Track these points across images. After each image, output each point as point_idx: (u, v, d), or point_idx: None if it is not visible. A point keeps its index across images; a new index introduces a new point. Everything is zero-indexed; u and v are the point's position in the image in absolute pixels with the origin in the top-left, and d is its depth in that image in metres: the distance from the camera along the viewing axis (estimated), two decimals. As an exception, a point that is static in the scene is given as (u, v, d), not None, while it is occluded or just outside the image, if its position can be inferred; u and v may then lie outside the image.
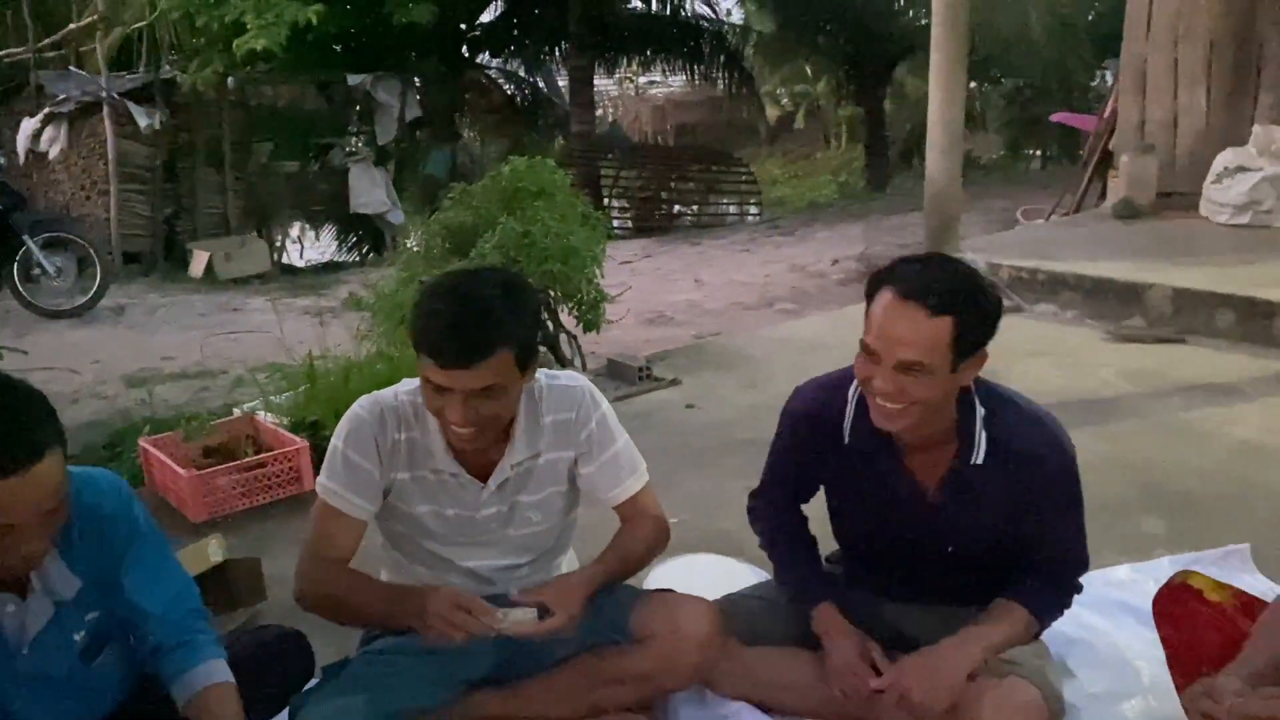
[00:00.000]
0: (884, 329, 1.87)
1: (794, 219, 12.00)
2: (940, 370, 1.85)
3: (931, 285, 1.84)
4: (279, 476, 3.57)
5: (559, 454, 2.14)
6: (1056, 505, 2.04)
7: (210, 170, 10.30)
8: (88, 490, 1.79)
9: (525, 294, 1.97)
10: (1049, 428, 2.02)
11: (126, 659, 1.95)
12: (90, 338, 7.08)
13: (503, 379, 1.89)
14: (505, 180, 4.66)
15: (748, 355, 5.25)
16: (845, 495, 2.19)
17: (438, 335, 1.85)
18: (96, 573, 1.80)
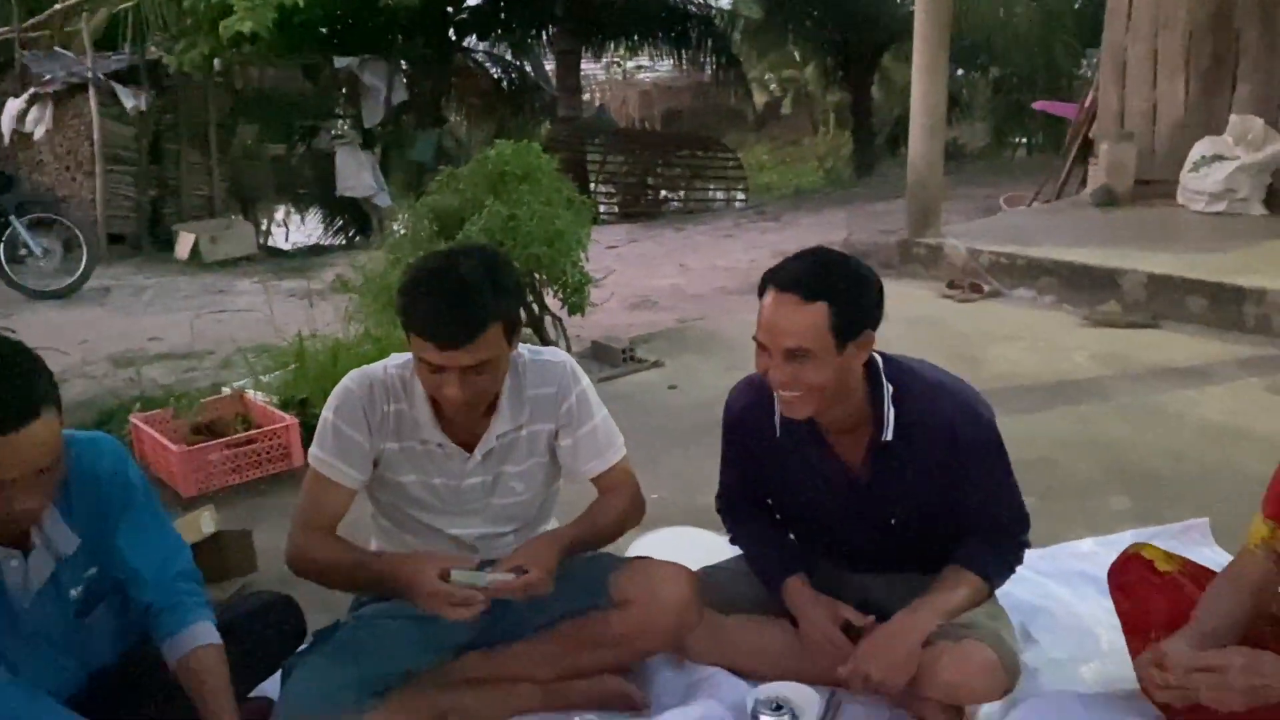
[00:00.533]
0: (766, 321, 1.98)
1: (779, 205, 12.05)
2: (825, 354, 1.95)
3: (804, 275, 1.95)
4: (269, 452, 3.64)
5: (540, 426, 2.21)
6: (980, 470, 2.10)
7: (196, 152, 10.29)
8: (88, 452, 1.88)
9: (507, 268, 2.04)
10: (957, 395, 2.10)
11: (119, 618, 2.02)
12: (77, 318, 7.11)
13: (494, 353, 1.98)
14: (491, 164, 4.71)
15: (729, 338, 5.33)
16: (784, 485, 2.27)
17: (432, 318, 1.93)
18: (93, 531, 1.88)
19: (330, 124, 11.49)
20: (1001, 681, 2.07)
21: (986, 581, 2.16)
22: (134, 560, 1.93)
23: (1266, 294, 5.00)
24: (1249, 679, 1.69)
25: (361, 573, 2.13)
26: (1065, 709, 2.14)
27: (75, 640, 1.94)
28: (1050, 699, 2.18)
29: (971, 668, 2.03)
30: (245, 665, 2.15)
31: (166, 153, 10.15)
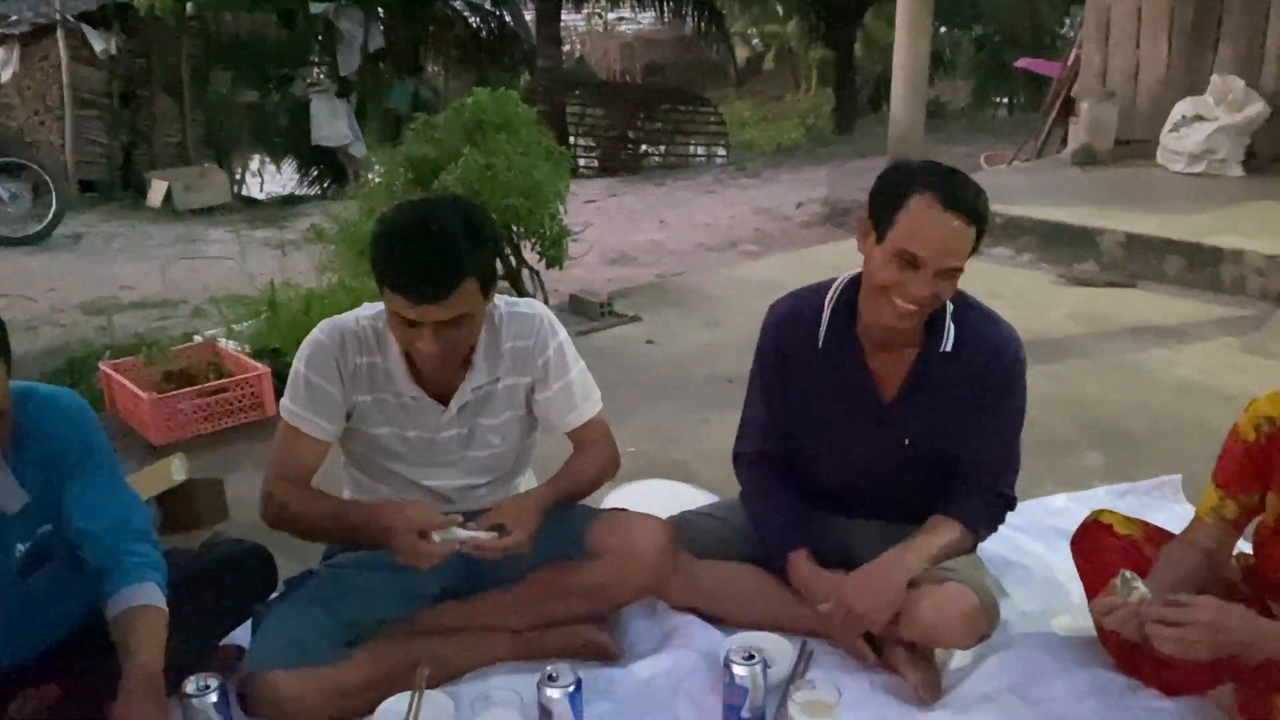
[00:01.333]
0: (933, 239, 1.93)
1: (760, 161, 11.99)
2: (959, 274, 1.99)
3: (967, 196, 1.94)
4: (241, 402, 3.60)
5: (517, 380, 2.19)
6: (1002, 402, 2.14)
7: (168, 98, 10.10)
8: (46, 411, 1.83)
9: (483, 221, 1.99)
10: (1005, 326, 2.18)
11: (69, 578, 1.97)
12: (46, 266, 7.00)
13: (469, 308, 1.94)
14: (469, 112, 4.64)
15: (708, 294, 5.31)
16: (810, 402, 2.24)
17: (407, 272, 1.89)
18: (45, 489, 1.84)
19: (305, 71, 11.29)
20: (980, 627, 2.09)
21: (972, 532, 2.19)
22: (82, 521, 1.88)
23: (1243, 255, 5.02)
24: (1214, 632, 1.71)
25: (338, 522, 2.10)
26: (1034, 660, 2.17)
27: (18, 599, 1.89)
28: (1020, 651, 2.20)
29: (953, 611, 2.05)
30: (217, 613, 2.15)
31: (139, 99, 9.95)
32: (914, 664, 2.14)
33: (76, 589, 2.01)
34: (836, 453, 2.29)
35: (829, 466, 2.32)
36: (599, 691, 2.11)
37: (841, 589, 2.10)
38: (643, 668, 2.19)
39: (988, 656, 2.19)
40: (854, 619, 2.09)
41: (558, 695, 1.92)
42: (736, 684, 1.99)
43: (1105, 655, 2.17)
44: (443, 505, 2.23)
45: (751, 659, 2.00)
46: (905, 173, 2.02)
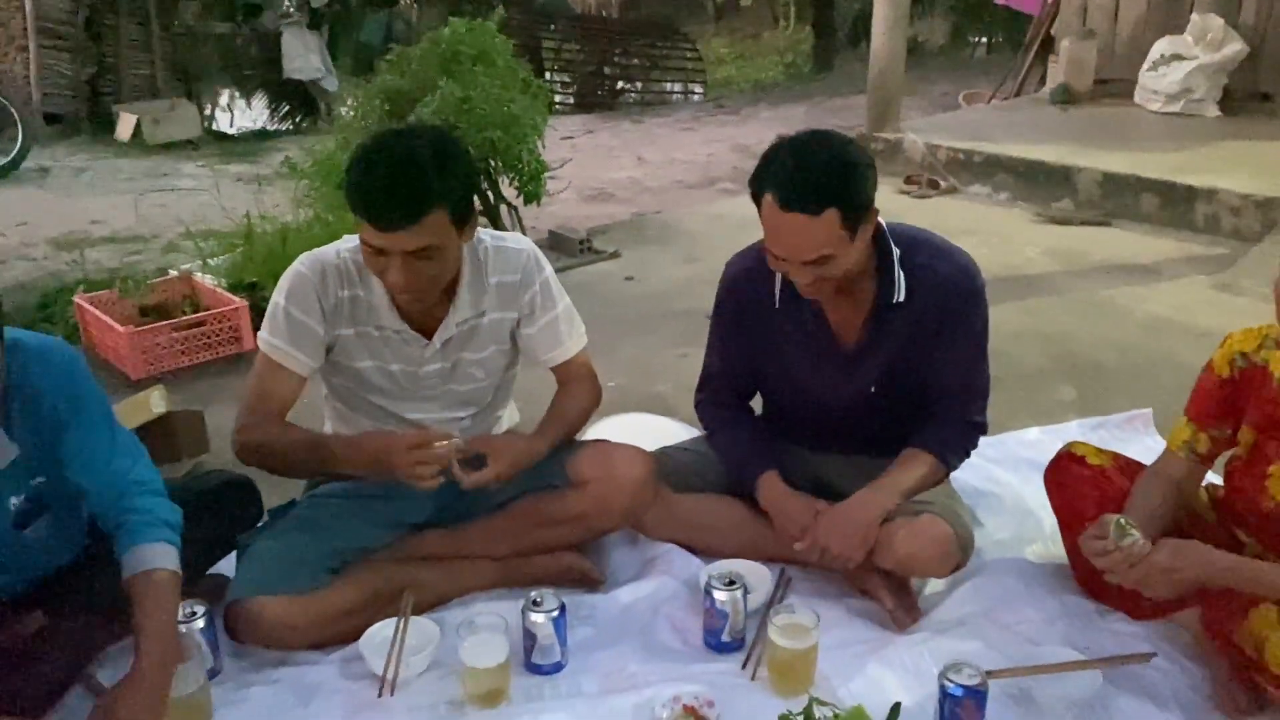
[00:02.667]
0: (778, 240, 1.96)
1: (738, 99, 11.89)
2: (843, 249, 1.95)
3: (805, 187, 1.89)
4: (218, 335, 3.58)
5: (502, 314, 2.18)
6: (964, 331, 2.14)
7: (135, 28, 9.85)
8: (36, 363, 1.78)
9: (456, 151, 1.96)
10: (957, 257, 2.14)
11: (66, 530, 1.98)
12: (13, 200, 6.86)
13: (439, 239, 1.91)
14: (445, 44, 4.57)
15: (686, 231, 5.31)
16: (772, 355, 2.28)
17: (373, 198, 1.87)
18: (36, 442, 1.81)
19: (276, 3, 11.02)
20: (954, 557, 2.15)
21: (943, 463, 2.21)
22: (82, 477, 1.86)
23: (1217, 193, 5.06)
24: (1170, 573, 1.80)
25: (315, 453, 2.09)
26: (1006, 586, 2.22)
27: (14, 549, 1.88)
28: (992, 577, 2.25)
29: (927, 541, 2.09)
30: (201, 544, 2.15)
31: (104, 30, 9.70)
32: (890, 590, 2.19)
33: (72, 534, 2.02)
34: (804, 401, 2.31)
35: (798, 413, 2.36)
36: (581, 617, 2.16)
37: (814, 528, 2.13)
38: (624, 593, 2.24)
39: (962, 582, 2.25)
40: (828, 558, 2.12)
41: (542, 620, 1.97)
42: (717, 609, 2.04)
43: (1074, 582, 2.22)
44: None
45: (732, 584, 2.05)
46: (762, 165, 1.97)
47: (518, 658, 1.99)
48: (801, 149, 1.94)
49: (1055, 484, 2.21)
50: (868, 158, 2.00)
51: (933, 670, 1.85)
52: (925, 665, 1.95)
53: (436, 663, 2.00)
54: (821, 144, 1.95)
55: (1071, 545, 2.22)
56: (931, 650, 2.00)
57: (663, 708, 1.86)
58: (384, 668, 1.94)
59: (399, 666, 1.94)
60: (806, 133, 2.00)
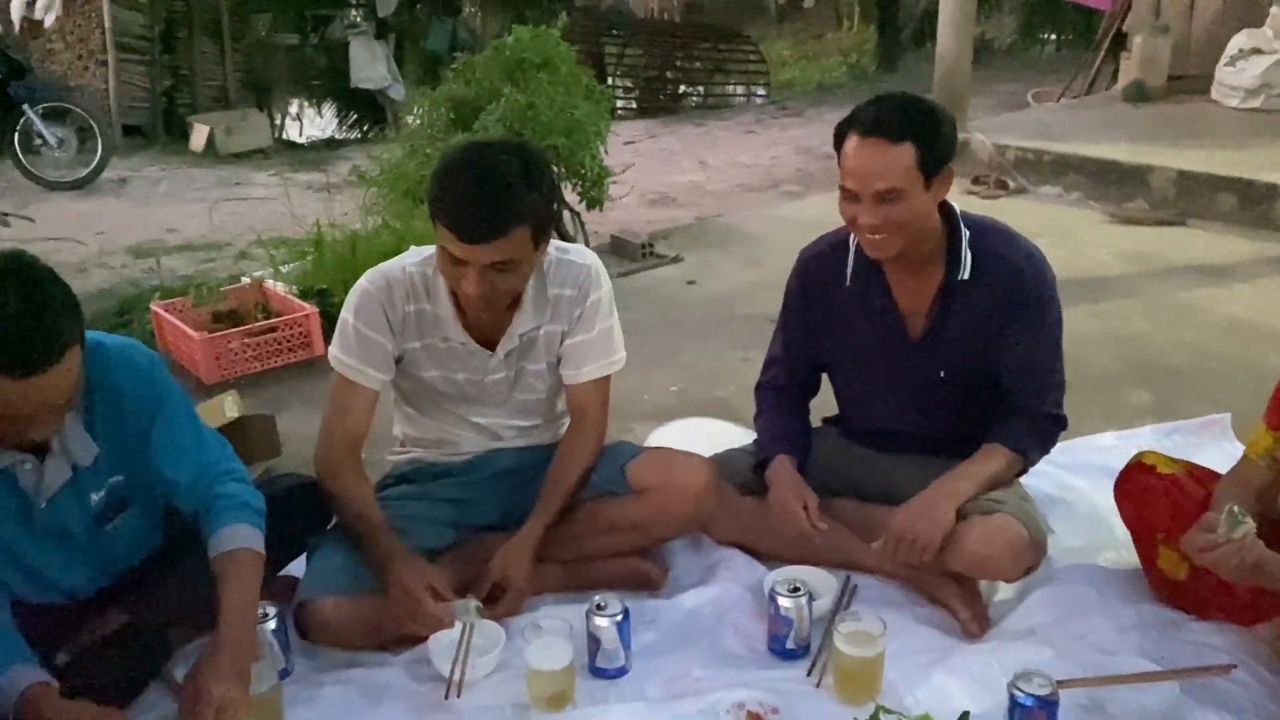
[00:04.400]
0: (855, 167, 2.00)
1: (801, 100, 11.82)
2: (914, 190, 1.99)
3: (887, 117, 1.97)
4: (290, 341, 3.66)
5: (556, 327, 2.19)
6: (1035, 323, 2.13)
7: (208, 41, 10.10)
8: (116, 363, 1.84)
9: (543, 168, 1.98)
10: (1026, 247, 2.16)
11: (144, 525, 2.05)
12: (93, 209, 7.07)
13: (518, 254, 1.93)
14: (509, 51, 4.62)
15: (749, 234, 5.29)
16: (841, 340, 2.28)
17: (458, 209, 1.88)
18: (117, 442, 1.87)
19: (343, 13, 11.23)
20: (1027, 558, 2.12)
21: (1021, 456, 2.20)
22: (167, 470, 1.92)
23: (1298, 192, 4.92)
24: None
25: (358, 526, 2.09)
26: (1078, 595, 2.18)
27: (95, 544, 1.95)
28: (1063, 586, 2.21)
29: (1000, 542, 2.07)
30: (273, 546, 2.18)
31: (179, 42, 9.96)
32: (961, 597, 2.16)
33: (149, 530, 2.08)
34: (874, 389, 2.32)
35: (868, 404, 2.36)
36: (645, 621, 2.16)
37: (893, 520, 2.11)
38: (687, 598, 2.24)
39: (1031, 591, 2.21)
40: (905, 547, 2.09)
41: (606, 624, 1.98)
42: (782, 615, 2.04)
43: (1149, 590, 2.17)
44: (491, 442, 2.27)
45: (797, 591, 2.04)
46: (845, 117, 2.06)
47: (582, 661, 2.00)
48: (888, 94, 2.06)
49: (1126, 495, 2.16)
50: (952, 121, 2.07)
51: (1001, 679, 1.83)
52: (994, 674, 1.92)
53: (502, 665, 2.02)
54: (907, 94, 2.08)
55: (1145, 555, 2.17)
56: (1000, 659, 1.97)
57: (727, 713, 1.86)
58: (450, 670, 1.96)
59: (465, 668, 1.96)
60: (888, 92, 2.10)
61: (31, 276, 1.62)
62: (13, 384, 1.56)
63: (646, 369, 3.27)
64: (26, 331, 1.55)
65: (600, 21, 13.17)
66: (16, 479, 1.80)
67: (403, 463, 2.37)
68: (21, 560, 1.88)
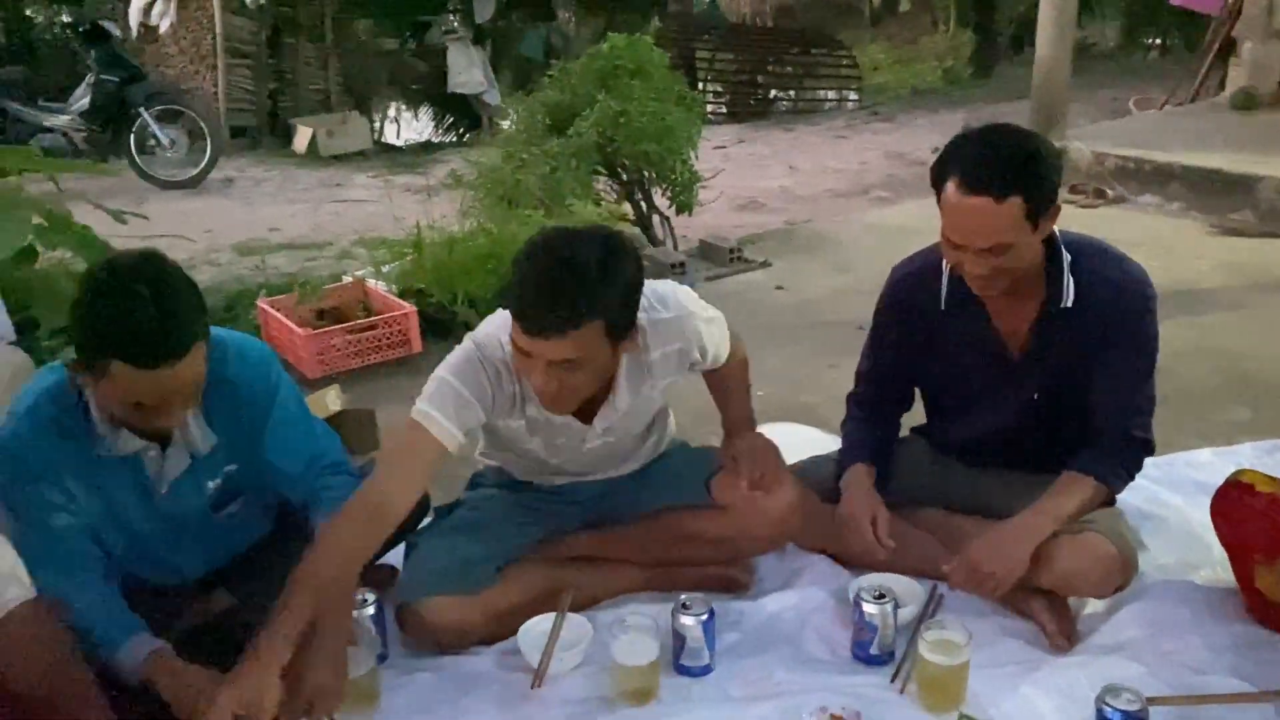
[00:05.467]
0: (960, 224, 1.94)
1: (894, 105, 11.70)
2: (1023, 240, 1.93)
3: (990, 171, 1.89)
4: (389, 338, 3.78)
5: (670, 378, 2.15)
6: (1128, 342, 2.07)
7: (311, 46, 10.41)
8: (235, 359, 1.96)
9: (624, 262, 1.84)
10: (1128, 265, 2.09)
11: (255, 513, 2.16)
12: (202, 208, 7.35)
13: (587, 353, 1.81)
14: (603, 58, 4.69)
15: (838, 240, 5.28)
16: (936, 361, 2.26)
17: (526, 301, 1.78)
18: (233, 433, 1.98)
19: (442, 19, 11.46)
20: (1117, 577, 2.09)
21: (1105, 486, 2.14)
22: (279, 461, 2.03)
23: None
24: None
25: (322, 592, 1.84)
26: (1170, 612, 2.14)
27: (209, 529, 2.07)
28: (1155, 603, 2.17)
29: (1089, 560, 2.05)
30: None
31: (285, 47, 10.29)
32: (1050, 611, 2.14)
33: (259, 518, 2.20)
34: (966, 409, 2.29)
35: (960, 420, 2.34)
36: (729, 623, 2.19)
37: (970, 548, 2.10)
38: (771, 602, 2.26)
39: (1122, 606, 2.17)
40: (975, 581, 2.08)
41: (691, 623, 2.02)
42: (866, 621, 2.05)
43: (1244, 610, 2.13)
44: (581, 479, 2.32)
45: (882, 598, 2.05)
46: (947, 152, 1.98)
47: (667, 658, 2.04)
48: (989, 136, 1.96)
49: (1222, 515, 2.12)
50: (1055, 150, 2.00)
51: (1089, 694, 1.81)
52: (1081, 689, 1.90)
53: (589, 659, 2.07)
54: (1009, 133, 1.97)
55: (1241, 574, 2.13)
56: (1088, 674, 1.94)
57: (810, 716, 1.87)
58: (538, 661, 2.02)
59: (551, 660, 2.02)
60: (992, 123, 2.01)
61: (162, 274, 1.74)
62: (144, 375, 1.68)
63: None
64: (158, 326, 1.67)
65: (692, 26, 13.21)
66: (142, 465, 1.93)
67: (492, 466, 2.39)
68: (140, 541, 2.01)
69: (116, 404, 1.77)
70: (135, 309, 1.67)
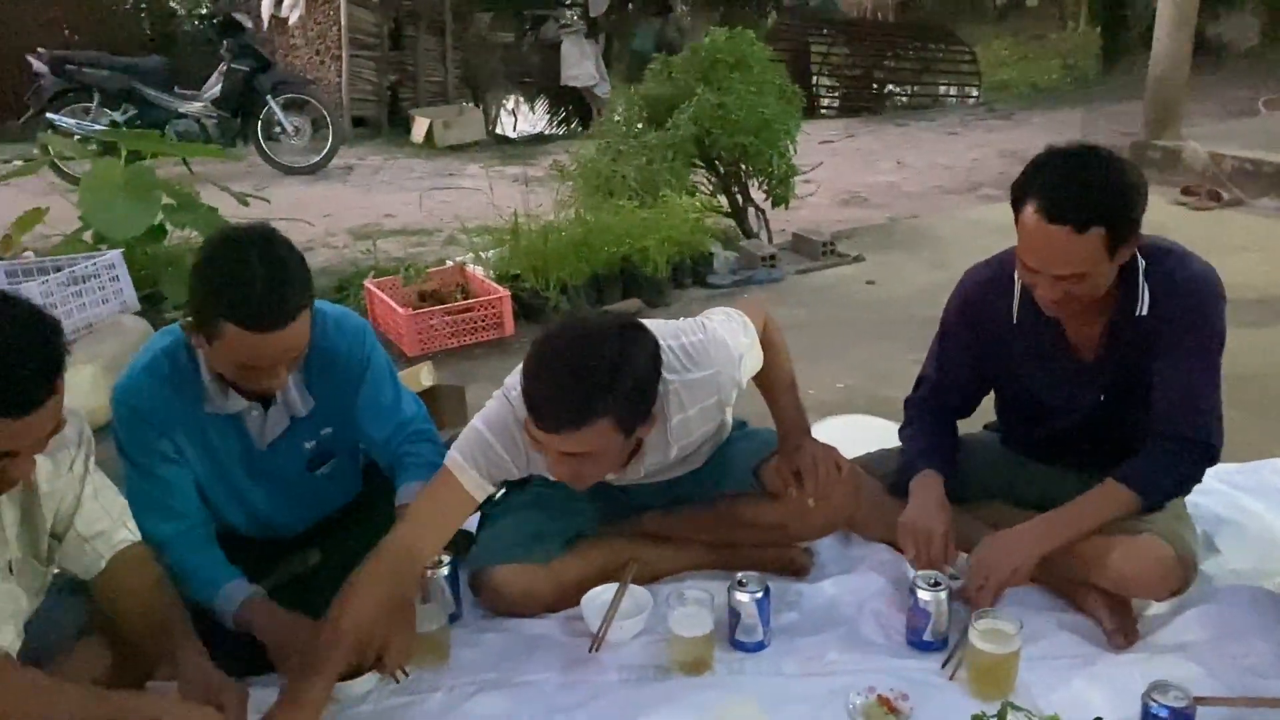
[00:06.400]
0: (1035, 249, 1.92)
1: (1012, 102, 11.45)
2: (1099, 269, 1.92)
3: (1075, 201, 1.85)
4: (483, 321, 3.93)
5: (709, 426, 2.17)
6: (1191, 341, 2.03)
7: (432, 39, 10.73)
8: (333, 330, 2.11)
9: (635, 359, 1.83)
10: (1196, 264, 2.05)
11: (347, 474, 2.31)
12: (321, 193, 7.68)
13: (597, 447, 1.83)
14: (704, 52, 4.76)
15: (938, 236, 5.24)
16: (1007, 370, 2.26)
17: (536, 395, 1.81)
18: (329, 398, 2.13)
19: (558, 13, 11.67)
20: (1174, 580, 2.07)
21: (1143, 498, 2.07)
22: (369, 427, 2.19)
23: None
24: None
25: None
26: (1238, 616, 2.12)
27: (304, 487, 2.23)
28: (1224, 606, 2.15)
29: (1146, 562, 2.04)
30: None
31: (406, 40, 10.63)
32: (1109, 608, 2.13)
33: (351, 479, 2.36)
34: (1035, 410, 2.28)
35: (1029, 421, 2.33)
36: (787, 603, 2.26)
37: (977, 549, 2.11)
38: (830, 585, 2.32)
39: (1188, 608, 2.15)
40: (974, 577, 2.08)
41: (746, 599, 2.08)
42: (920, 608, 2.08)
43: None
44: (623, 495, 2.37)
45: (937, 585, 2.08)
46: (1030, 172, 1.93)
47: (723, 632, 2.12)
48: (1075, 161, 1.91)
49: None
50: (1142, 179, 1.95)
51: (1140, 691, 1.80)
52: (1134, 685, 1.88)
53: (649, 629, 2.16)
54: (1096, 159, 1.91)
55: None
56: (1144, 672, 1.93)
57: (858, 695, 1.93)
58: (599, 626, 2.12)
59: (609, 626, 2.12)
60: (1080, 145, 1.95)
61: (273, 247, 1.88)
62: (254, 337, 1.82)
63: (814, 364, 3.32)
64: (268, 294, 1.81)
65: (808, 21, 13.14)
66: (244, 424, 2.08)
67: None
68: (241, 495, 2.17)
69: (225, 364, 1.92)
70: (248, 275, 1.81)
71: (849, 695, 1.94)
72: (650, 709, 1.93)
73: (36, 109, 7.77)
